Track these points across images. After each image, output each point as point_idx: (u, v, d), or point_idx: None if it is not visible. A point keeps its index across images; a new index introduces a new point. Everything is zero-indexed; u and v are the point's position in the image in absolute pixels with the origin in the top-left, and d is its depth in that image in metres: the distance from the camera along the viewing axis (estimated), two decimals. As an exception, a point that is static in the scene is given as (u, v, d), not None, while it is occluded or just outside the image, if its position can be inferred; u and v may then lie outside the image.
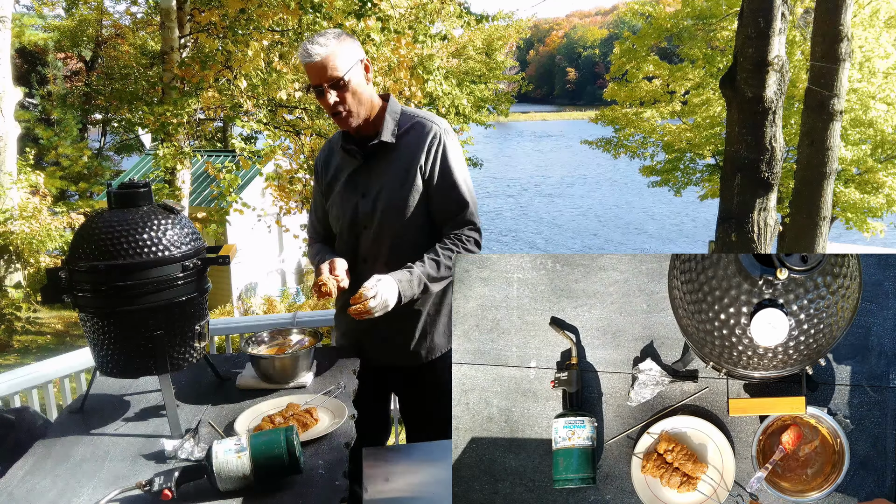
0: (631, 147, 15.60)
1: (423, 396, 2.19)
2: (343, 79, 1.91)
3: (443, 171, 2.03)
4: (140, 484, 1.36)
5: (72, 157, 10.50)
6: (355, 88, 1.95)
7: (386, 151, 2.05)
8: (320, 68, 1.90)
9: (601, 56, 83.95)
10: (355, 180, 2.09)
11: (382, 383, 2.22)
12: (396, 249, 2.03)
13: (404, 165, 2.03)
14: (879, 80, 10.84)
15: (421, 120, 2.07)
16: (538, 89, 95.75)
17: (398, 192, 2.02)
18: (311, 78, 1.93)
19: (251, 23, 8.03)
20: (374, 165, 2.06)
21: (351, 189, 2.10)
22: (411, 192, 2.02)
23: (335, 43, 1.91)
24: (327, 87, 1.92)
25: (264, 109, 8.89)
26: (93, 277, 1.56)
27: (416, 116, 2.08)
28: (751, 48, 5.09)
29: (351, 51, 1.94)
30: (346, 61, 1.92)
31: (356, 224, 2.09)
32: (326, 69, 1.90)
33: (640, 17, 15.44)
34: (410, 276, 1.93)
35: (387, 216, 2.03)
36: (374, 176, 2.06)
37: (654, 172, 15.32)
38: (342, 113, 1.97)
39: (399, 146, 2.05)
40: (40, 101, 17.81)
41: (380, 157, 2.06)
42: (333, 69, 1.90)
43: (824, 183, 6.76)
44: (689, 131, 14.07)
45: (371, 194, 2.05)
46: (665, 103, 14.75)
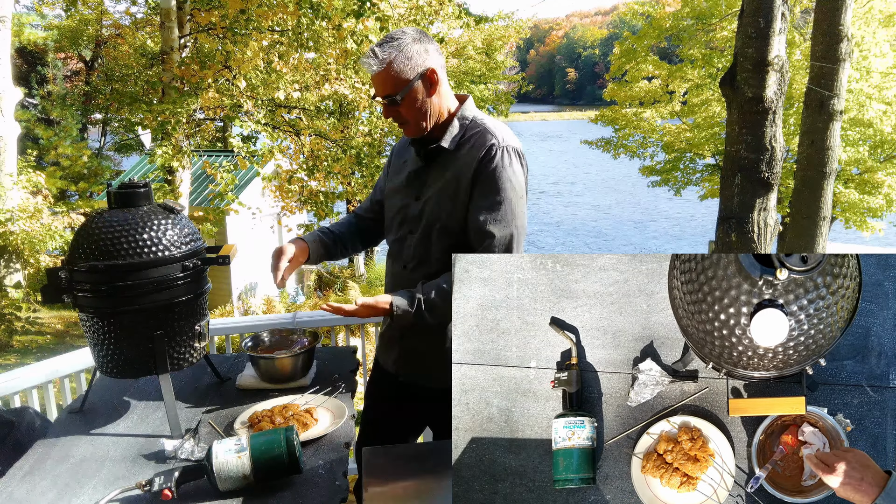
0: (631, 147, 15.61)
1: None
2: (396, 97, 1.82)
3: (484, 189, 1.84)
4: (140, 484, 1.37)
5: (72, 157, 10.48)
6: (414, 103, 1.84)
7: (445, 158, 1.93)
8: (377, 82, 1.83)
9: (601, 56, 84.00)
10: (414, 181, 2.00)
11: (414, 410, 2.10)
12: (439, 263, 1.90)
13: (456, 176, 1.89)
14: (877, 80, 10.83)
15: (483, 129, 1.90)
16: (538, 89, 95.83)
17: (446, 202, 1.89)
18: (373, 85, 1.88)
19: (250, 22, 8.04)
20: (433, 170, 1.95)
21: (408, 188, 2.01)
22: (458, 206, 1.87)
23: (395, 54, 1.79)
24: (383, 101, 1.85)
25: (264, 109, 8.90)
26: (93, 277, 1.56)
27: (481, 125, 1.92)
28: (751, 48, 5.09)
29: (412, 63, 1.81)
30: (402, 77, 1.81)
31: (403, 226, 2.01)
32: (381, 84, 1.82)
33: (639, 17, 15.45)
34: (411, 294, 1.84)
35: (432, 225, 1.91)
36: (430, 180, 1.95)
37: (654, 172, 15.33)
38: (403, 125, 1.90)
39: (458, 155, 1.90)
40: (40, 101, 17.80)
41: (439, 163, 1.94)
42: (387, 86, 1.82)
43: (824, 183, 6.76)
44: (689, 131, 14.08)
45: (423, 198, 1.95)
46: (665, 103, 14.76)
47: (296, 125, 9.58)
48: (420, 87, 1.84)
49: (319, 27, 7.83)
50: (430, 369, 1.98)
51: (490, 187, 1.84)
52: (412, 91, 1.83)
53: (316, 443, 1.59)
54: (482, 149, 1.85)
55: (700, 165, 14.99)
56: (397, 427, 2.13)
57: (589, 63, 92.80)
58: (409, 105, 1.84)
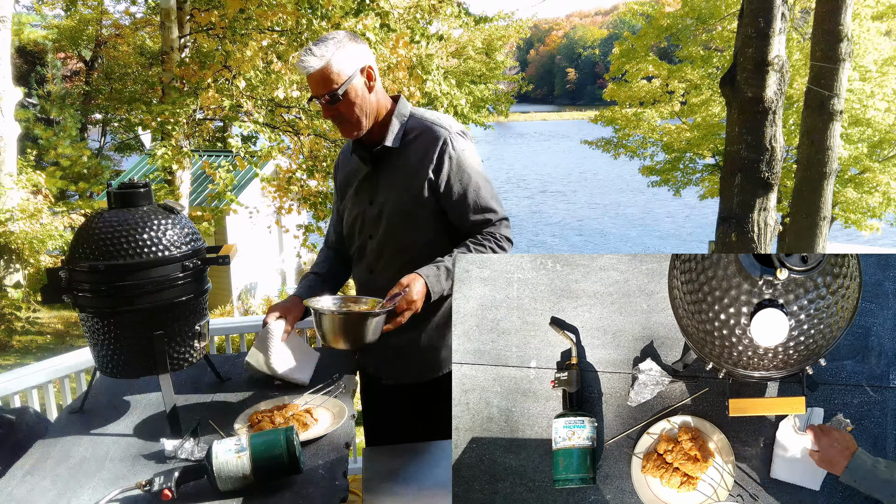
0: (631, 147, 15.61)
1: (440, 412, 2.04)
2: (338, 92, 1.82)
3: (459, 181, 1.92)
4: (140, 484, 1.36)
5: (71, 157, 10.48)
6: (354, 99, 1.86)
7: (392, 157, 1.95)
8: (316, 80, 1.82)
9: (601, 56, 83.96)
10: (364, 186, 2.01)
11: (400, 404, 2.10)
12: (403, 262, 1.91)
13: (411, 173, 1.92)
14: (875, 76, 10.81)
15: (429, 125, 1.94)
16: (538, 89, 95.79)
17: (404, 200, 1.92)
18: (310, 87, 1.86)
19: (250, 22, 8.03)
20: (381, 172, 1.97)
21: (360, 196, 2.02)
22: (418, 203, 1.91)
23: (333, 51, 1.81)
24: (324, 100, 1.84)
25: (264, 110, 8.89)
26: (93, 277, 1.56)
27: (424, 121, 1.96)
28: (751, 48, 5.09)
29: (350, 59, 1.84)
30: (342, 72, 1.82)
31: (362, 232, 2.02)
32: (321, 82, 1.82)
33: (639, 17, 15.46)
34: (438, 270, 1.83)
35: (392, 225, 1.94)
36: (381, 182, 1.97)
37: (654, 172, 15.33)
38: (343, 123, 1.90)
39: (406, 153, 1.94)
40: (39, 101, 17.80)
41: (387, 164, 1.96)
42: (328, 82, 1.81)
43: (824, 183, 6.76)
44: (689, 131, 14.08)
45: (378, 202, 1.97)
46: (664, 103, 14.76)
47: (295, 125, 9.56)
48: (359, 83, 1.86)
49: (319, 27, 7.82)
50: (410, 365, 2.02)
51: (461, 173, 1.92)
52: (352, 87, 1.84)
53: (316, 443, 1.59)
54: (437, 142, 1.91)
55: (700, 165, 14.99)
56: (396, 430, 2.13)
57: (589, 63, 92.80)
58: (349, 102, 1.85)
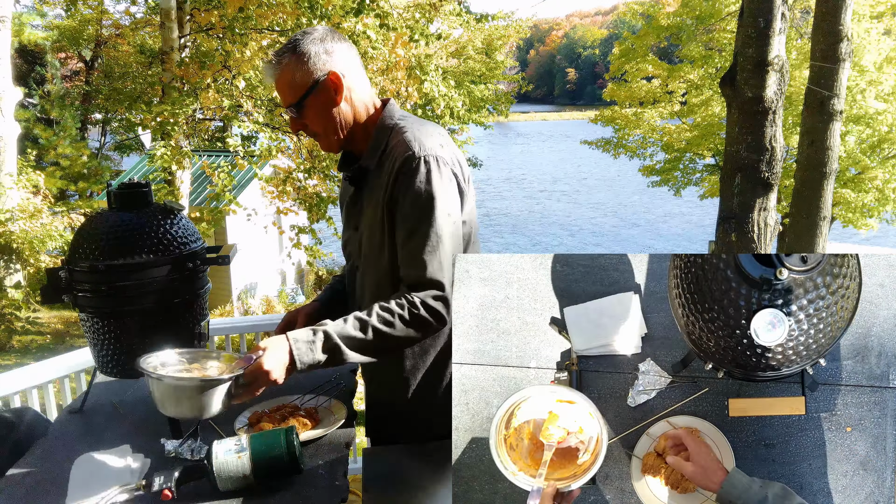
0: (631, 147, 15.62)
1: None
2: (294, 106, 1.62)
3: (405, 217, 1.57)
4: (140, 484, 1.37)
5: (71, 157, 10.48)
6: (318, 113, 1.63)
7: (371, 178, 1.68)
8: (278, 90, 1.64)
9: (601, 56, 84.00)
10: (352, 210, 1.79)
11: None
12: (382, 298, 1.58)
13: (378, 198, 1.64)
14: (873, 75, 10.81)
15: (401, 138, 1.61)
16: (538, 89, 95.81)
17: (375, 228, 1.65)
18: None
19: (249, 21, 8.03)
20: (364, 193, 1.71)
21: (348, 220, 1.82)
22: (383, 231, 1.63)
23: (288, 61, 1.59)
24: (290, 112, 1.65)
25: (263, 109, 8.89)
26: (93, 277, 1.56)
27: (400, 133, 1.63)
28: (751, 48, 5.09)
29: (307, 67, 1.59)
30: (299, 84, 1.59)
31: (350, 260, 1.82)
32: (281, 93, 1.63)
33: (639, 17, 15.47)
34: (314, 336, 1.49)
35: (367, 256, 1.70)
36: (364, 206, 1.71)
37: (654, 172, 15.35)
38: (314, 136, 1.68)
39: (381, 173, 1.64)
40: (39, 101, 17.80)
41: (366, 184, 1.70)
42: (286, 95, 1.62)
43: (824, 183, 6.76)
44: (689, 131, 14.08)
45: (361, 228, 1.73)
46: (664, 103, 14.77)
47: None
48: (321, 94, 1.61)
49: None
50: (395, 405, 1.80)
51: (410, 209, 1.56)
52: (312, 99, 1.61)
53: (316, 443, 1.59)
54: (397, 161, 1.58)
55: (700, 165, 15.00)
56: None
57: (589, 63, 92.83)
58: (312, 115, 1.63)
